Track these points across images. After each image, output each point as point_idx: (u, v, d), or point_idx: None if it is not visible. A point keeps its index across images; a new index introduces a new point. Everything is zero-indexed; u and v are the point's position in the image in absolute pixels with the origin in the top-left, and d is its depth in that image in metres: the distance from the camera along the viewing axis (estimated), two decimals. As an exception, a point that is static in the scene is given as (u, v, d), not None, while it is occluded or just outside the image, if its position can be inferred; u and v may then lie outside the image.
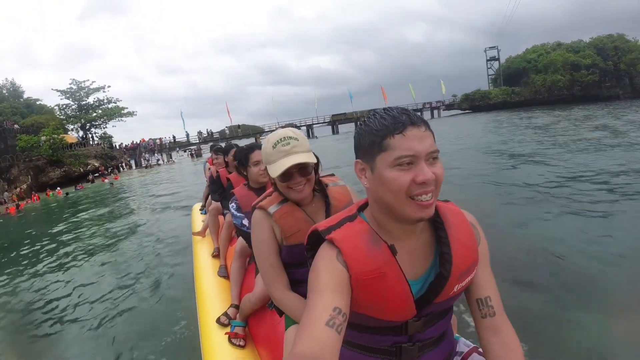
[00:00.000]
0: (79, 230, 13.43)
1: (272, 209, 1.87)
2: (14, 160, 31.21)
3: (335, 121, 66.32)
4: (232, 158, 4.59)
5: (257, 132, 62.88)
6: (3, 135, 32.00)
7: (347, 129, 66.12)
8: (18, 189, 29.62)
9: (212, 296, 3.63)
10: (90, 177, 33.91)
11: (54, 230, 14.40)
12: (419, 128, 1.09)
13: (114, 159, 39.70)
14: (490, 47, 78.29)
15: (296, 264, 1.92)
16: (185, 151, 55.14)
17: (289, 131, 1.87)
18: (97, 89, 47.30)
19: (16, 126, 35.44)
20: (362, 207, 1.31)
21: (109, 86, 48.91)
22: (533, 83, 67.17)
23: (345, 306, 1.09)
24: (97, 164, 36.18)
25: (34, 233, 15.21)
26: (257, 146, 3.08)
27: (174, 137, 55.02)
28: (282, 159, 1.79)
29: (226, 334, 2.79)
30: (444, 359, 1.39)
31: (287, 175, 1.81)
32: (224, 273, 4.05)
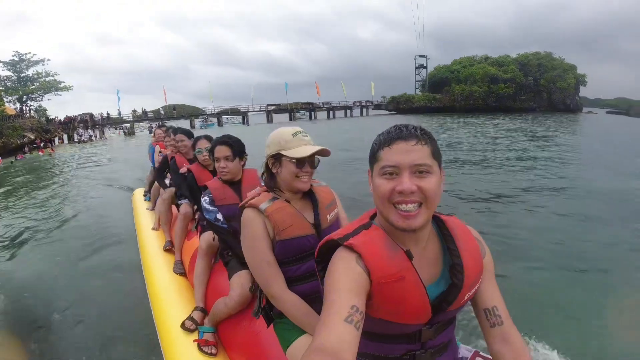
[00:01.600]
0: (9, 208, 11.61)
1: (263, 205, 1.87)
2: None
3: (270, 111, 67.62)
4: (189, 143, 4.38)
5: (192, 114, 63.19)
6: None
7: (282, 119, 66.48)
8: None
9: (170, 297, 3.29)
10: (27, 149, 35.21)
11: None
12: (407, 142, 1.16)
13: (48, 132, 39.91)
14: (420, 56, 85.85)
15: (288, 261, 1.91)
16: (116, 129, 54.46)
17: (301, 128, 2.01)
18: (37, 62, 47.51)
19: None
20: (373, 216, 1.36)
21: (48, 59, 49.21)
22: (453, 91, 73.37)
23: (362, 306, 1.10)
24: (32, 137, 35.73)
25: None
26: (220, 139, 2.92)
27: (108, 113, 53.94)
28: (305, 145, 1.88)
29: (195, 341, 2.54)
30: None
31: (302, 162, 1.86)
32: (180, 270, 3.72)
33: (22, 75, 47.16)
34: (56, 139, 40.58)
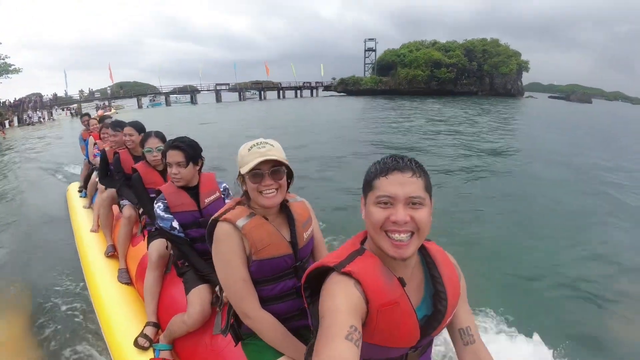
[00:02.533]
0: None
1: (240, 222, 1.75)
2: None
3: (219, 90, 67.78)
4: (139, 138, 3.81)
5: (140, 93, 60.64)
6: None
7: (231, 98, 68.00)
8: None
9: (118, 309, 3.05)
10: None
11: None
12: (403, 174, 1.19)
13: (1, 115, 41.68)
14: (369, 39, 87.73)
15: (263, 281, 1.81)
16: (63, 109, 52.18)
17: (266, 139, 1.82)
18: None
19: None
20: (363, 241, 1.37)
21: (0, 42, 51.26)
22: (398, 75, 75.23)
23: (359, 327, 1.12)
24: None
25: None
26: (171, 143, 2.64)
27: (55, 94, 53.33)
28: (259, 157, 1.71)
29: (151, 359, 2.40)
30: None
31: (258, 175, 1.73)
32: (126, 279, 3.42)
33: None
34: (6, 121, 41.05)
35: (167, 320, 2.48)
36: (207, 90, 68.27)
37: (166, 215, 2.55)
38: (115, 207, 4.34)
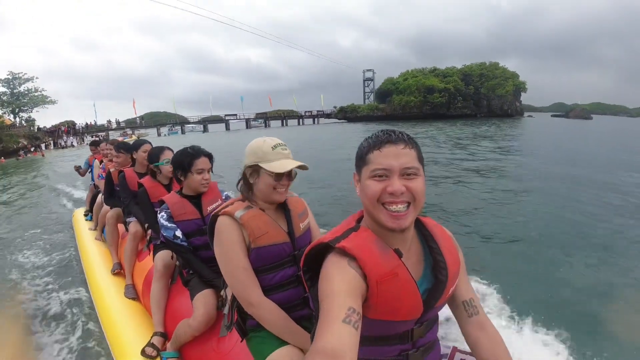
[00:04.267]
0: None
1: (238, 213, 1.77)
2: None
3: (228, 120, 74.92)
4: (144, 155, 3.82)
5: (159, 123, 68.74)
6: None
7: (239, 127, 73.99)
8: None
9: (124, 324, 2.98)
10: (21, 153, 38.39)
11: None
12: (396, 146, 1.17)
13: (38, 139, 44.28)
14: (367, 70, 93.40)
15: (263, 270, 1.80)
16: (92, 136, 56.72)
17: (280, 140, 1.87)
18: (28, 79, 53.79)
19: None
20: (359, 220, 1.35)
21: (37, 77, 55.61)
22: (393, 102, 78.30)
23: (358, 307, 1.09)
24: (25, 142, 41.50)
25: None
26: (203, 152, 2.67)
27: (87, 123, 61.14)
28: (284, 159, 1.79)
29: None
30: None
31: (281, 175, 1.79)
32: (132, 294, 3.36)
33: (15, 91, 53.36)
34: (43, 145, 49.21)
35: (173, 330, 2.42)
36: (218, 121, 74.98)
37: (169, 225, 2.54)
38: (120, 226, 4.27)
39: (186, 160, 2.65)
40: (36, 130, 48.77)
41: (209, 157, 2.72)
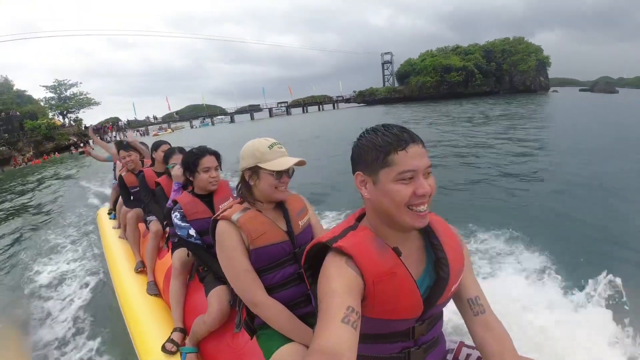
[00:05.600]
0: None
1: (235, 216, 1.76)
2: (19, 137, 44.74)
3: (251, 110, 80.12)
4: (162, 155, 3.82)
5: (192, 117, 75.11)
6: (11, 120, 45.73)
7: (262, 116, 78.64)
8: (27, 155, 43.18)
9: (147, 319, 3.00)
10: (72, 149, 45.67)
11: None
12: (418, 145, 1.13)
13: (86, 136, 51.30)
14: (385, 53, 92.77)
15: (264, 269, 1.78)
16: (134, 131, 66.67)
17: (274, 139, 1.86)
18: (73, 85, 61.65)
19: (18, 113, 47.74)
20: (359, 218, 1.30)
21: (81, 82, 63.77)
22: (410, 83, 77.53)
23: (357, 306, 1.07)
24: (75, 139, 49.30)
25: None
26: (208, 151, 2.66)
27: (128, 120, 69.46)
28: (282, 157, 1.79)
29: None
30: (441, 357, 1.43)
31: (281, 173, 1.78)
32: (154, 291, 3.37)
33: (62, 96, 60.72)
34: (91, 141, 56.57)
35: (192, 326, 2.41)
36: (241, 112, 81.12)
37: (183, 224, 2.55)
38: (141, 226, 4.31)
39: (192, 160, 2.65)
40: (84, 128, 56.00)
41: (215, 155, 2.69)
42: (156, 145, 4.16)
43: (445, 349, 1.49)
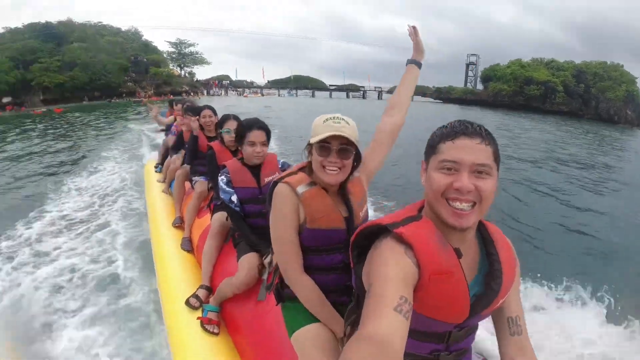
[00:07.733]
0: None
1: (300, 188, 1.61)
2: (144, 78, 54.45)
3: (348, 90, 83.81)
4: (203, 120, 4.11)
5: (281, 87, 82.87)
6: (139, 64, 54.72)
7: (340, 95, 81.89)
8: (148, 92, 51.85)
9: (177, 273, 3.00)
10: (184, 95, 49.83)
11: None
12: (471, 139, 1.04)
13: (196, 87, 60.96)
14: (471, 54, 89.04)
15: (314, 250, 1.64)
16: (233, 90, 73.86)
17: (343, 116, 1.66)
18: (191, 45, 70.14)
19: (145, 59, 56.23)
20: (421, 209, 1.22)
21: (197, 43, 71.77)
22: (488, 88, 75.16)
23: (410, 297, 1.00)
24: (187, 88, 57.20)
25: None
26: (257, 124, 2.54)
27: (230, 80, 78.59)
28: (328, 132, 1.55)
29: (198, 318, 2.35)
30: None
31: (325, 149, 1.56)
32: (188, 247, 3.36)
33: (181, 52, 69.08)
34: (199, 92, 61.00)
35: (218, 285, 2.45)
36: (336, 89, 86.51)
37: (227, 189, 2.50)
38: (187, 184, 4.33)
39: (241, 131, 2.57)
40: (195, 81, 65.54)
41: (264, 129, 2.55)
42: (199, 110, 4.22)
43: None
